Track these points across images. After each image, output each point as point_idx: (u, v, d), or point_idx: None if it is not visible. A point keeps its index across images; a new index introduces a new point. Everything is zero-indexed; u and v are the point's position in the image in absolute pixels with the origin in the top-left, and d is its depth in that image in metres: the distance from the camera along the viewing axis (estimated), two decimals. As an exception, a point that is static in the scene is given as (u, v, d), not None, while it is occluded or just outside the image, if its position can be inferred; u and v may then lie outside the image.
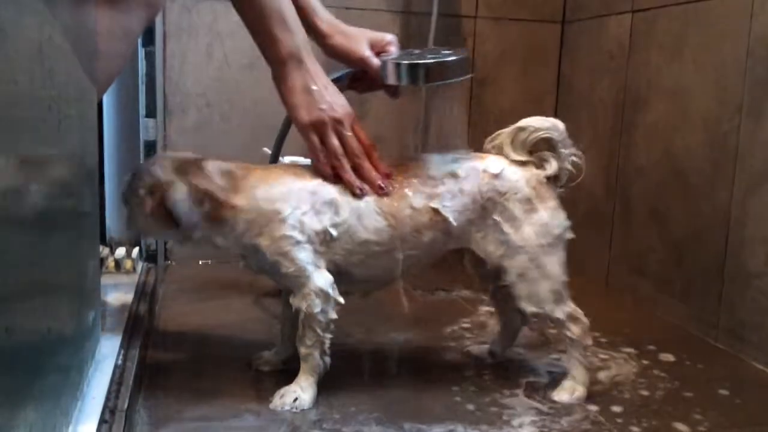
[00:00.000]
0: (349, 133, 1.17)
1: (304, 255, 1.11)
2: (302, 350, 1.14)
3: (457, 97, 1.28)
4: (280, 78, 1.16)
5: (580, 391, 1.20)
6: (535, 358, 1.38)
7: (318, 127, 1.15)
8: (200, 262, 1.94)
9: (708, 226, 1.55)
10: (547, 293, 1.18)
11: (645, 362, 1.39)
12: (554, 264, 1.18)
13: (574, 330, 1.19)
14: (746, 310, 1.45)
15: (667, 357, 1.43)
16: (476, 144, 1.25)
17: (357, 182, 1.15)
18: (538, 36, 2.14)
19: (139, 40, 1.80)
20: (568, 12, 2.13)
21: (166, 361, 1.32)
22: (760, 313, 1.41)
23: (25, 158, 0.68)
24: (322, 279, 1.12)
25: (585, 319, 1.20)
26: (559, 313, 1.19)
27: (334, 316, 1.13)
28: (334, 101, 1.16)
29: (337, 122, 1.15)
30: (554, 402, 1.19)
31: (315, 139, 1.16)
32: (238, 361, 1.30)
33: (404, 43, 1.30)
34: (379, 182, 1.16)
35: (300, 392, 1.13)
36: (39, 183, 0.75)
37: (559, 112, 2.16)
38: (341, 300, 1.14)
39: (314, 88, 1.15)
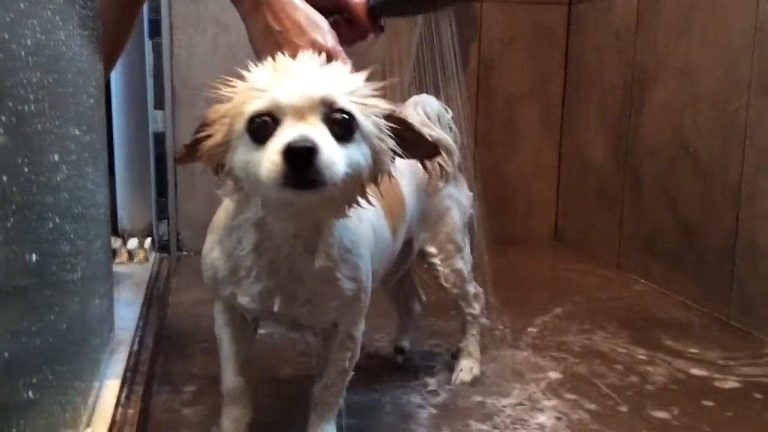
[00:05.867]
0: None
1: None
2: None
3: None
4: (243, 21, 0.99)
5: (476, 368, 1.21)
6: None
7: None
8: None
9: (718, 204, 1.54)
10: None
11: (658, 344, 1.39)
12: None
13: (476, 307, 1.21)
14: (758, 287, 1.44)
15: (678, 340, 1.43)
16: (485, 127, 1.23)
17: None
18: (545, 18, 2.13)
19: (146, 32, 1.80)
20: (574, -7, 2.12)
21: (180, 349, 1.33)
22: (773, 290, 1.40)
23: (36, 146, 0.69)
24: None
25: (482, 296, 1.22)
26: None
27: None
28: (302, 41, 0.95)
29: None
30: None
31: None
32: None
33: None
34: None
35: None
36: (50, 175, 0.75)
37: (568, 93, 2.15)
38: None
39: (277, 29, 0.95)
